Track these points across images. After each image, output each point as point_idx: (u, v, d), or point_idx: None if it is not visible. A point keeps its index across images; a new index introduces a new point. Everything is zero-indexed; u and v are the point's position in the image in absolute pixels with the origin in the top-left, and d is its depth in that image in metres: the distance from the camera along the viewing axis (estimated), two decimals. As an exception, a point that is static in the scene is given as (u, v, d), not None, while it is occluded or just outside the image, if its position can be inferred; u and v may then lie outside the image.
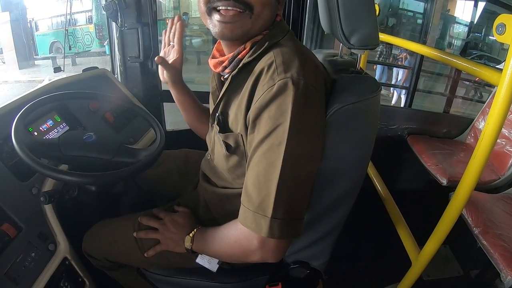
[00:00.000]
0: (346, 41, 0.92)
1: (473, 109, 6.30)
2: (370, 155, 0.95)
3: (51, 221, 1.22)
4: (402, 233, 1.52)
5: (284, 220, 0.80)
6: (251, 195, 0.82)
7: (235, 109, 0.91)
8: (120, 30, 1.79)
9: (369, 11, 0.88)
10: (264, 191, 0.79)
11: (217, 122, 0.97)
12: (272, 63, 0.81)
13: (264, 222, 0.79)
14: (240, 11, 0.82)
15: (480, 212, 1.61)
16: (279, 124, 0.76)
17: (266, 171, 0.79)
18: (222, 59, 0.95)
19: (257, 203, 0.80)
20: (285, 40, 0.89)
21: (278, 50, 0.84)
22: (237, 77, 0.93)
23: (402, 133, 2.39)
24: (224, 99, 0.97)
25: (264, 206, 0.79)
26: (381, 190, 1.85)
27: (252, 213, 0.81)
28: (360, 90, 0.87)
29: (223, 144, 0.95)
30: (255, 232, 0.82)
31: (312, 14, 1.93)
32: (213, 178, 1.13)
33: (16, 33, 10.31)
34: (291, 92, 0.76)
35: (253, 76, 0.85)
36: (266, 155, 0.79)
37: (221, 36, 0.87)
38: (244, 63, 0.90)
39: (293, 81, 0.76)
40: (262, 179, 0.79)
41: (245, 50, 0.90)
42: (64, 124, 1.42)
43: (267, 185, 0.79)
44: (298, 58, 0.81)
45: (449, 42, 11.51)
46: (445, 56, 1.46)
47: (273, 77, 0.78)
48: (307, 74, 0.79)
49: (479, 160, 1.10)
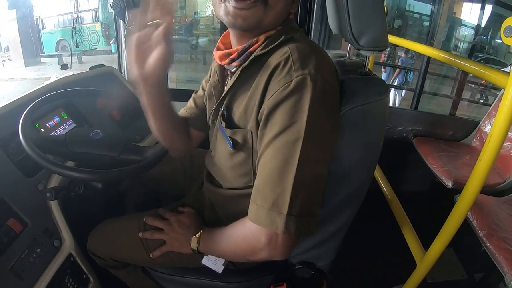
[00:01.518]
0: (355, 42, 0.91)
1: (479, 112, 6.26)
2: (378, 157, 0.94)
3: (57, 218, 1.22)
4: (407, 235, 1.52)
5: (300, 217, 0.79)
6: (264, 191, 0.80)
7: (244, 104, 0.88)
8: (128, 28, 1.79)
9: (379, 12, 0.88)
10: (278, 188, 0.78)
11: (222, 117, 0.95)
12: (289, 58, 0.79)
13: (280, 219, 0.78)
14: (255, 1, 0.80)
15: (485, 215, 1.60)
16: (296, 120, 0.75)
17: (281, 167, 0.77)
18: (230, 51, 0.91)
19: (272, 200, 0.79)
20: (299, 36, 0.88)
21: (293, 45, 0.82)
22: (247, 71, 0.89)
23: (407, 135, 2.39)
24: (230, 93, 0.94)
25: (280, 203, 0.78)
26: (387, 192, 1.85)
27: (266, 210, 0.79)
28: (368, 92, 0.87)
29: (230, 140, 0.93)
30: (271, 229, 0.80)
31: (320, 14, 1.93)
32: (216, 177, 1.12)
33: (22, 31, 10.36)
34: (309, 89, 0.75)
35: (267, 71, 0.82)
36: (281, 151, 0.77)
37: (233, 24, 0.83)
38: (256, 55, 0.86)
39: (311, 77, 0.75)
40: (276, 175, 0.78)
41: (258, 43, 0.87)
42: (71, 121, 1.42)
43: (282, 181, 0.77)
44: (314, 55, 0.80)
45: (455, 45, 11.48)
46: (452, 58, 1.45)
47: (290, 73, 0.77)
48: (324, 71, 0.78)
49: (485, 163, 1.09)
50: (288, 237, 0.82)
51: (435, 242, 1.26)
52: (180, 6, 10.92)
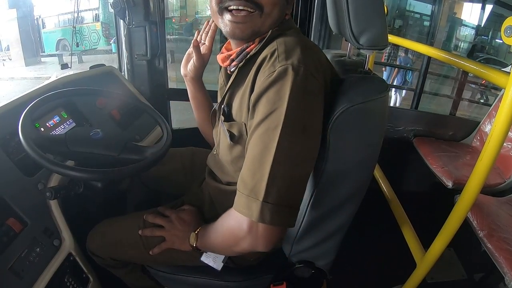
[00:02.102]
0: (355, 41, 0.91)
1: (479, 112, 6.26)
2: (378, 156, 0.94)
3: (57, 217, 1.22)
4: (407, 234, 1.52)
5: (276, 205, 0.78)
6: (245, 178, 0.80)
7: (239, 99, 0.92)
8: (128, 27, 1.79)
9: (379, 11, 0.88)
10: (257, 175, 0.78)
11: (222, 112, 0.98)
12: (275, 51, 0.81)
13: (256, 205, 0.78)
14: (251, 11, 0.84)
15: (485, 215, 1.60)
16: (276, 108, 0.76)
17: (261, 155, 0.78)
18: (230, 53, 0.97)
19: (250, 187, 0.79)
20: (289, 33, 0.90)
21: (281, 39, 0.84)
22: (243, 69, 0.94)
23: (408, 134, 2.38)
24: (230, 91, 0.99)
25: (257, 190, 0.78)
26: (387, 192, 1.85)
27: (245, 197, 0.80)
28: (368, 90, 0.87)
29: (227, 133, 0.95)
30: (247, 216, 0.80)
31: (320, 13, 1.93)
32: (218, 173, 1.13)
33: (23, 30, 10.38)
34: (290, 77, 0.76)
35: (256, 65, 0.85)
36: (261, 138, 0.78)
37: (232, 35, 0.89)
38: (250, 55, 0.91)
39: (293, 67, 0.76)
40: (257, 162, 0.78)
41: (254, 44, 0.92)
42: (71, 120, 1.42)
43: (261, 168, 0.77)
44: (300, 47, 0.81)
45: (455, 45, 11.48)
46: (453, 58, 1.46)
47: (274, 64, 0.79)
48: (308, 63, 0.79)
49: (485, 163, 1.09)
50: (268, 227, 0.80)
51: (435, 242, 1.26)
52: (180, 5, 10.94)
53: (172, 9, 10.34)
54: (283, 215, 0.79)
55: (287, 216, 0.81)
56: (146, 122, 1.70)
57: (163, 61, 1.95)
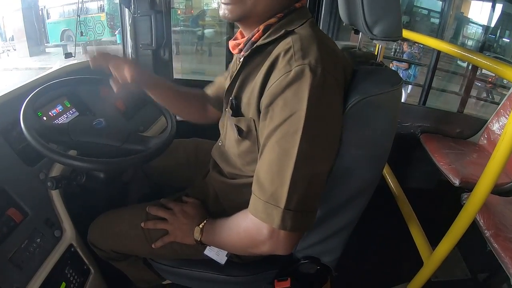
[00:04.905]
0: (368, 31, 0.89)
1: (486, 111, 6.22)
2: (389, 152, 0.91)
3: (58, 207, 1.21)
4: (415, 232, 1.50)
5: (298, 211, 0.77)
6: (263, 184, 0.79)
7: (249, 93, 0.89)
8: (133, 17, 1.78)
9: (393, 1, 0.85)
10: (277, 181, 0.77)
11: (230, 105, 0.96)
12: (290, 48, 0.79)
13: (276, 213, 0.77)
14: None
15: (492, 215, 1.58)
16: (295, 111, 0.74)
17: (280, 160, 0.76)
18: (239, 41, 0.95)
19: (269, 193, 0.78)
20: (303, 28, 0.87)
21: (296, 36, 0.82)
22: (250, 60, 0.92)
23: (415, 131, 2.36)
24: (238, 82, 0.96)
25: (277, 196, 0.77)
26: (394, 188, 1.83)
27: (263, 202, 0.79)
28: (381, 82, 0.84)
29: (235, 128, 0.93)
30: (266, 222, 0.79)
31: (329, 5, 1.91)
32: (223, 166, 1.11)
33: (27, 21, 10.39)
34: (308, 79, 0.74)
35: (269, 61, 0.83)
36: (280, 143, 0.76)
37: (223, 17, 0.87)
38: (257, 45, 0.89)
39: (310, 68, 0.74)
40: (275, 168, 0.77)
41: (259, 32, 0.89)
42: (74, 109, 1.41)
43: (281, 174, 0.76)
44: (316, 45, 0.79)
45: (462, 43, 11.42)
46: (464, 52, 1.43)
47: (290, 63, 0.76)
48: (325, 62, 0.76)
49: (497, 164, 1.07)
50: (289, 233, 0.81)
51: (443, 242, 1.24)
52: (186, -4, 10.90)
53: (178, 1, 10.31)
54: (304, 220, 0.80)
55: (308, 220, 0.81)
56: (150, 112, 1.69)
57: (168, 51, 1.93)
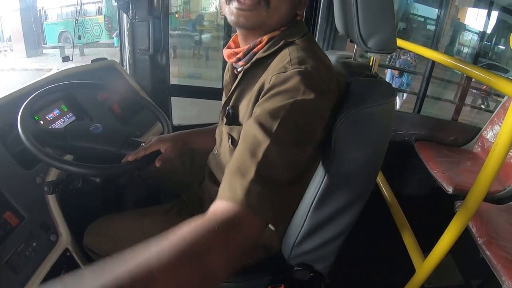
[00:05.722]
0: (363, 44, 0.90)
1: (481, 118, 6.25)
2: (382, 161, 0.93)
3: (54, 212, 1.21)
4: (407, 240, 1.51)
5: (265, 188, 0.66)
6: (232, 162, 0.71)
7: (246, 103, 0.90)
8: (131, 22, 1.78)
9: (388, 14, 0.86)
10: (247, 154, 0.69)
11: (226, 114, 0.96)
12: (287, 57, 0.81)
13: (241, 185, 0.67)
14: (257, 2, 0.82)
15: (484, 223, 1.59)
16: (283, 103, 0.72)
17: (255, 138, 0.70)
18: (237, 51, 0.95)
19: (235, 167, 0.69)
20: (301, 41, 0.88)
21: (293, 47, 0.84)
22: (250, 72, 0.92)
23: (409, 138, 2.38)
24: (236, 92, 0.96)
25: (244, 168, 0.68)
26: (387, 195, 1.84)
27: (227, 181, 0.70)
28: (375, 95, 0.86)
29: (228, 136, 0.94)
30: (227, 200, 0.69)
31: (326, 14, 1.92)
32: (218, 174, 1.11)
33: (25, 21, 10.39)
34: (302, 80, 0.74)
35: (268, 73, 0.84)
36: (259, 124, 0.71)
37: (236, 23, 0.86)
38: (258, 57, 0.90)
39: (306, 70, 0.76)
40: (249, 145, 0.70)
41: (261, 44, 0.89)
42: (71, 114, 1.41)
43: (252, 151, 0.69)
44: (313, 56, 0.81)
45: (458, 49, 11.49)
46: (458, 63, 1.45)
47: (286, 66, 0.78)
48: (321, 70, 0.78)
49: (489, 172, 1.08)
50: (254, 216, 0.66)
51: (435, 249, 1.25)
52: (184, 1, 10.92)
53: (175, 4, 10.33)
54: (273, 204, 0.68)
55: (279, 207, 0.69)
56: (147, 117, 1.69)
57: (165, 56, 1.94)
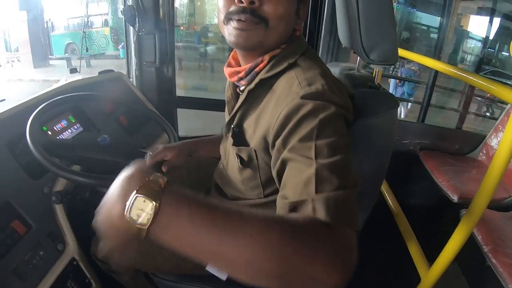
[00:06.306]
0: (365, 56, 0.91)
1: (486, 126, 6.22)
2: (385, 171, 0.94)
3: (61, 221, 1.22)
4: (412, 249, 1.51)
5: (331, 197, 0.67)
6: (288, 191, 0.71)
7: (253, 125, 0.89)
8: (137, 34, 1.80)
9: (390, 27, 0.88)
10: (301, 183, 0.68)
11: (231, 134, 0.96)
12: (294, 80, 0.80)
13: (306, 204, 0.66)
14: (256, 22, 0.82)
15: (490, 230, 1.59)
16: (307, 132, 0.71)
17: (301, 165, 0.70)
18: (239, 69, 0.93)
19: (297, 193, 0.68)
20: (303, 59, 0.87)
21: (298, 69, 0.83)
22: (254, 92, 0.91)
23: (414, 148, 2.37)
24: (240, 112, 0.95)
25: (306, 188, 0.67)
26: (392, 205, 1.84)
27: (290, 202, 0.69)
28: (378, 106, 0.87)
29: (237, 157, 0.93)
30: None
31: (329, 26, 1.92)
32: (225, 188, 1.10)
33: (32, 33, 10.48)
34: (316, 98, 0.74)
35: (275, 95, 0.84)
36: (297, 156, 0.71)
37: (235, 44, 0.86)
38: (261, 78, 0.88)
39: (317, 90, 0.75)
40: (299, 175, 0.69)
41: (263, 63, 0.88)
42: (78, 125, 1.43)
43: (304, 176, 0.68)
44: (320, 74, 0.80)
45: (461, 57, 11.48)
46: (460, 72, 1.45)
47: (297, 91, 0.77)
48: (331, 86, 0.78)
49: (492, 180, 1.08)
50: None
51: (440, 257, 1.25)
52: (189, 13, 11.02)
53: (180, 16, 10.41)
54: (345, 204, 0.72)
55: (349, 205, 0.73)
56: (153, 129, 1.70)
57: (171, 68, 1.95)
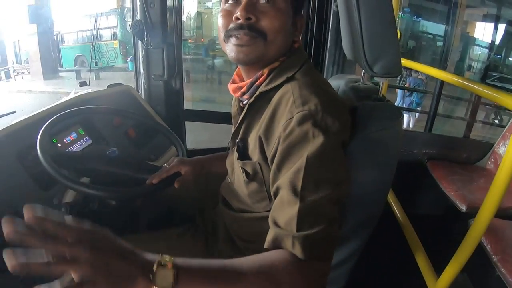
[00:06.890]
0: (369, 68, 0.92)
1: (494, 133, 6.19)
2: (391, 183, 0.94)
3: None
4: (420, 260, 1.50)
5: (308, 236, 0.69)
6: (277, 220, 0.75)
7: (254, 138, 0.91)
8: (146, 48, 1.83)
9: (392, 39, 0.89)
10: (287, 212, 0.73)
11: (236, 148, 0.98)
12: (290, 96, 0.82)
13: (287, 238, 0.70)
14: (254, 37, 0.85)
15: (499, 239, 1.57)
16: (299, 156, 0.75)
17: (288, 194, 0.74)
18: (241, 85, 0.96)
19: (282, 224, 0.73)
20: (301, 73, 0.90)
21: (295, 82, 0.85)
22: (254, 106, 0.94)
23: (421, 158, 2.36)
24: (243, 126, 0.98)
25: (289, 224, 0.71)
26: (399, 215, 1.83)
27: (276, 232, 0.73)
28: (382, 118, 0.88)
29: (242, 170, 0.95)
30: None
31: (334, 38, 1.93)
32: (232, 202, 1.11)
33: (42, 45, 10.65)
34: (309, 125, 0.76)
35: (271, 108, 0.87)
36: (288, 184, 0.75)
37: (236, 59, 0.89)
38: (260, 91, 0.91)
39: (310, 113, 0.77)
40: (286, 203, 0.74)
41: (263, 76, 0.91)
42: (88, 137, 1.45)
43: (290, 206, 0.73)
44: (315, 92, 0.81)
45: (468, 64, 11.43)
46: (465, 82, 1.46)
47: (291, 110, 0.79)
48: (325, 106, 0.79)
49: (499, 187, 1.08)
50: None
51: (448, 268, 1.24)
52: (196, 26, 11.13)
53: (188, 29, 10.52)
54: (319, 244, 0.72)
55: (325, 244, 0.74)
56: (161, 142, 1.72)
57: (179, 82, 1.98)
